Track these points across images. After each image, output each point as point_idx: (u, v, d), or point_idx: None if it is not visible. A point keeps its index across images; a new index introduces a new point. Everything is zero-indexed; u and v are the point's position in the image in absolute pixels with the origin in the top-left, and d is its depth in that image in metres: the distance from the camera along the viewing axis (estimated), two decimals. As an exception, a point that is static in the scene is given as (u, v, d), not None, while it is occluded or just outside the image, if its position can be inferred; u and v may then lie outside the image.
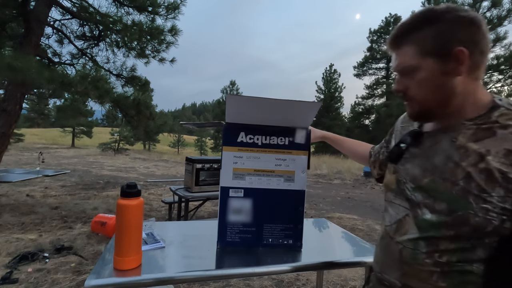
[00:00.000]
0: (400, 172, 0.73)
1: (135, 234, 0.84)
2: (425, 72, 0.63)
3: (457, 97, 0.63)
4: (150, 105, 6.12)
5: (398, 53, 0.68)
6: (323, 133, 1.23)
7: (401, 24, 0.67)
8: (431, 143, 0.68)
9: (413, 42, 0.64)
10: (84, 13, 5.20)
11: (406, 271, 0.66)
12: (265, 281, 2.57)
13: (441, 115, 0.67)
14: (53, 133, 34.16)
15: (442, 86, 0.63)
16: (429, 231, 0.62)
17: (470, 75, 0.63)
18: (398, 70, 0.69)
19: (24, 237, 3.27)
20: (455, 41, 0.60)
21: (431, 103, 0.66)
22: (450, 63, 0.61)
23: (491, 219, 0.55)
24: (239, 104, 0.97)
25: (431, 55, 0.62)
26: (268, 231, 1.06)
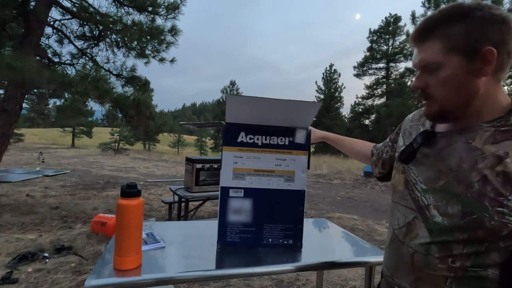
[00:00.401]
0: (410, 172, 0.71)
1: (135, 234, 0.84)
2: (449, 70, 0.61)
3: (478, 99, 0.61)
4: (150, 105, 6.13)
5: (422, 48, 0.64)
6: (324, 133, 1.23)
7: (427, 18, 0.64)
8: (446, 144, 0.66)
9: (439, 38, 0.61)
10: (84, 13, 5.20)
11: (418, 276, 0.64)
12: (265, 281, 2.57)
13: (460, 116, 0.64)
14: (53, 133, 34.16)
15: (465, 86, 0.61)
16: (442, 235, 0.61)
17: (494, 76, 0.61)
18: (420, 66, 0.65)
19: (24, 237, 3.28)
20: (484, 40, 0.58)
21: (451, 103, 0.63)
22: (476, 63, 0.59)
23: (507, 222, 0.53)
24: (239, 104, 0.97)
25: (458, 52, 0.60)
26: (268, 231, 1.06)
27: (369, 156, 1.07)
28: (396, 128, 0.95)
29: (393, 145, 0.92)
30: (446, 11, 0.62)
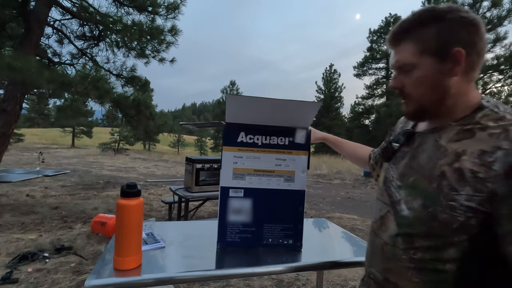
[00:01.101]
0: (390, 170, 0.75)
1: (135, 234, 0.84)
2: (422, 70, 0.64)
3: (450, 98, 0.64)
4: (150, 105, 6.12)
5: (397, 50, 0.68)
6: (324, 134, 1.23)
7: (402, 21, 0.66)
8: (420, 143, 0.70)
9: (413, 40, 0.64)
10: (84, 13, 5.20)
11: (387, 266, 0.69)
12: (265, 281, 2.57)
13: (434, 115, 0.68)
14: (53, 133, 34.16)
15: (437, 85, 0.64)
16: (406, 228, 0.64)
17: (465, 76, 0.63)
18: (396, 67, 0.69)
19: (24, 237, 3.27)
20: (454, 42, 0.61)
21: (426, 102, 0.66)
22: (447, 63, 0.62)
23: (457, 216, 0.56)
24: (239, 104, 0.97)
25: (430, 54, 0.63)
26: (268, 231, 1.06)
27: (367, 160, 1.07)
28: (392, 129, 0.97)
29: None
30: (419, 14, 0.64)
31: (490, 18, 13.05)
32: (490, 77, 13.76)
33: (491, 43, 13.25)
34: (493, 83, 13.92)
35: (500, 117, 0.58)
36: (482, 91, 14.13)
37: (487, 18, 13.13)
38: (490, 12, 13.10)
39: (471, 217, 0.55)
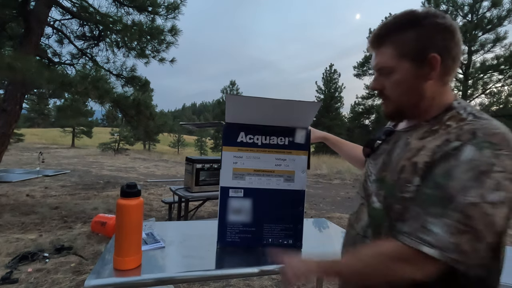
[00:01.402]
0: (369, 166, 0.79)
1: (135, 234, 0.84)
2: (400, 74, 0.66)
3: (426, 100, 0.67)
4: (150, 105, 6.12)
5: (377, 52, 0.70)
6: (324, 134, 1.23)
7: (382, 24, 0.69)
8: (395, 141, 0.74)
9: (392, 44, 0.67)
10: (84, 13, 5.20)
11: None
12: (265, 281, 2.57)
13: (411, 116, 0.71)
14: (53, 133, 34.16)
15: (414, 89, 0.67)
16: (375, 218, 0.69)
17: (440, 80, 0.66)
18: (376, 69, 0.71)
19: (24, 237, 3.27)
20: (431, 47, 0.63)
21: (403, 103, 0.69)
22: (424, 68, 0.65)
23: (407, 207, 0.60)
24: (239, 104, 0.97)
25: (408, 58, 0.65)
26: (268, 231, 1.06)
27: (363, 161, 1.08)
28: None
29: None
30: (399, 18, 0.67)
31: (490, 18, 13.04)
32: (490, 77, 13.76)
33: (491, 43, 13.25)
34: (493, 83, 13.92)
35: (462, 118, 0.62)
36: (482, 91, 14.12)
37: (487, 18, 13.12)
38: (490, 12, 13.10)
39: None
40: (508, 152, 0.54)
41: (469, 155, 0.55)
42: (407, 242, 0.56)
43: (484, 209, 0.52)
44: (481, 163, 0.54)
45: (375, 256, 0.61)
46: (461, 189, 0.54)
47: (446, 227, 0.53)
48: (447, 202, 0.54)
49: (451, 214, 0.53)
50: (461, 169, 0.55)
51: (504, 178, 0.53)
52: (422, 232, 0.55)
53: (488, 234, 0.53)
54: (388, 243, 0.60)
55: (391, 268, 0.59)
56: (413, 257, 0.55)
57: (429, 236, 0.54)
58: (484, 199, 0.52)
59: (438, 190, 0.56)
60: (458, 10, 13.72)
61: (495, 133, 0.56)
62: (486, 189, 0.53)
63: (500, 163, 0.53)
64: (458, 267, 0.53)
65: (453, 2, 13.60)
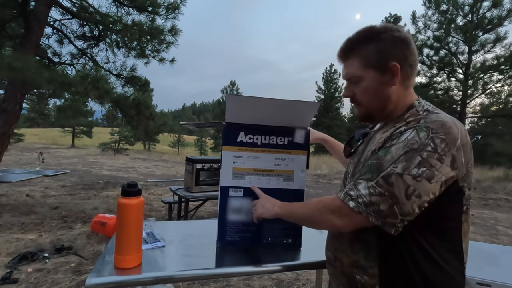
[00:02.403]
0: (349, 165, 0.88)
1: (136, 232, 0.85)
2: (367, 81, 0.75)
3: (391, 103, 0.76)
4: (150, 105, 6.11)
5: (345, 64, 0.79)
6: (323, 135, 1.25)
7: (347, 39, 0.77)
8: (368, 140, 0.83)
9: (357, 56, 0.75)
10: (84, 13, 5.20)
11: (335, 246, 0.80)
12: (265, 281, 2.58)
13: (380, 117, 0.80)
14: (53, 133, 34.15)
15: (380, 94, 0.76)
16: None
17: (402, 84, 0.75)
18: (346, 79, 0.80)
19: (24, 237, 3.28)
20: (390, 57, 0.72)
21: (372, 107, 0.78)
22: (386, 76, 0.74)
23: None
24: (239, 104, 0.98)
25: (372, 67, 0.74)
26: (268, 230, 1.06)
27: None
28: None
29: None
30: (361, 33, 0.76)
31: (490, 18, 13.03)
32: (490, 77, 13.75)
33: (491, 43, 13.23)
34: (493, 83, 13.90)
35: (418, 114, 0.71)
36: (482, 91, 14.11)
37: (487, 18, 13.11)
38: (490, 12, 13.09)
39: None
40: (442, 136, 0.62)
41: (409, 136, 0.65)
42: (340, 196, 0.69)
43: (405, 179, 0.61)
44: (415, 142, 0.63)
45: (317, 205, 0.74)
46: (391, 161, 0.64)
47: (368, 188, 0.64)
48: (377, 170, 0.65)
49: (376, 179, 0.64)
50: (397, 146, 0.65)
51: (432, 156, 0.61)
52: (351, 190, 0.67)
53: (405, 201, 0.61)
54: (330, 197, 0.72)
55: (324, 215, 0.71)
56: (341, 208, 0.68)
57: (354, 192, 0.66)
58: (408, 171, 0.62)
59: (376, 161, 0.67)
60: (458, 10, 13.71)
61: (436, 121, 0.65)
62: (412, 164, 0.62)
63: (432, 144, 0.62)
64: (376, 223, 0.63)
65: (453, 2, 13.59)
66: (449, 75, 14.48)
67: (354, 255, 0.73)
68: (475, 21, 13.44)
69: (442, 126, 0.64)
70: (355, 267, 0.73)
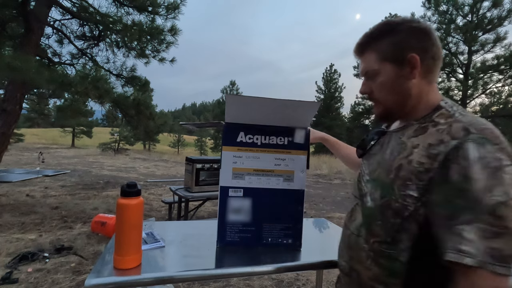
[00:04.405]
0: (362, 166, 0.82)
1: (135, 233, 0.85)
2: (385, 76, 0.71)
3: (412, 99, 0.71)
4: (150, 105, 6.13)
5: (362, 59, 0.76)
6: (323, 134, 1.24)
7: (364, 34, 0.75)
8: (387, 141, 0.77)
9: (373, 50, 0.73)
10: (84, 13, 5.20)
11: (351, 255, 0.74)
12: (265, 281, 2.58)
13: (400, 115, 0.75)
14: (53, 133, 34.15)
15: (399, 88, 0.71)
16: (369, 217, 0.70)
17: (424, 78, 0.70)
18: (363, 74, 0.76)
19: (24, 237, 3.28)
20: (408, 49, 0.68)
21: (391, 103, 0.73)
22: (405, 68, 0.69)
23: (407, 205, 0.61)
24: (239, 104, 0.98)
25: (389, 60, 0.70)
26: (268, 231, 1.06)
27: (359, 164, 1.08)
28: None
29: None
30: (377, 27, 0.73)
31: (490, 18, 13.03)
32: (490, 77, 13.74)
33: (492, 43, 13.23)
34: (493, 83, 13.90)
35: (450, 115, 0.65)
36: (482, 91, 14.11)
37: (487, 18, 13.11)
38: (490, 12, 13.09)
39: (419, 206, 0.60)
40: (503, 145, 0.56)
41: (476, 153, 0.54)
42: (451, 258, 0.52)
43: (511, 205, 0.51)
44: (490, 159, 0.53)
45: None
46: (484, 189, 0.52)
47: (480, 232, 0.50)
48: (475, 205, 0.52)
49: (482, 218, 0.51)
50: (475, 169, 0.53)
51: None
52: (459, 243, 0.51)
53: None
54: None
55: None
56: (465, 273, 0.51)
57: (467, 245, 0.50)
58: (510, 195, 0.51)
59: (462, 195, 0.53)
60: (458, 10, 13.71)
61: (485, 129, 0.58)
62: (507, 185, 0.51)
63: (503, 155, 0.54)
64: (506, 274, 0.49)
65: (453, 2, 13.59)
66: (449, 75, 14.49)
67: (375, 268, 0.66)
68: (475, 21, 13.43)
69: (494, 134, 0.57)
70: (376, 281, 0.66)
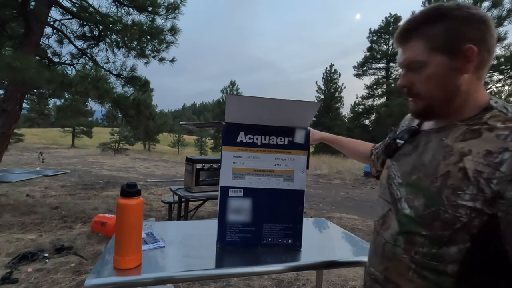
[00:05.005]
0: (392, 168, 0.75)
1: (135, 233, 0.84)
2: (433, 68, 0.63)
3: (460, 96, 0.63)
4: (150, 105, 6.12)
5: (406, 47, 0.66)
6: (322, 134, 1.23)
7: (410, 19, 0.65)
8: (424, 142, 0.69)
9: (422, 37, 0.63)
10: (84, 13, 5.20)
11: (387, 265, 0.68)
12: (265, 281, 2.58)
13: (442, 114, 0.67)
14: (53, 133, 34.16)
15: (448, 83, 0.63)
16: (408, 226, 0.64)
17: (475, 74, 0.63)
18: (405, 65, 0.67)
19: (24, 237, 3.28)
20: (465, 39, 0.60)
21: (435, 100, 0.65)
22: (458, 60, 0.61)
23: (459, 216, 0.55)
24: (239, 104, 0.97)
25: (440, 51, 0.62)
26: (268, 231, 1.06)
27: (368, 156, 1.07)
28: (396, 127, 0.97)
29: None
30: (427, 12, 0.64)
31: (490, 18, 13.05)
32: (490, 77, 13.75)
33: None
34: (493, 83, 13.91)
35: (508, 118, 0.57)
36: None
37: (487, 18, 13.14)
38: (490, 12, 13.09)
39: (474, 217, 0.54)
40: None
41: None
42: None
43: None
44: None
45: None
46: None
47: None
48: None
49: None
50: None
51: None
52: None
53: None
54: None
55: None
56: None
57: None
58: None
59: None
60: (458, 10, 13.72)
61: None
62: None
63: None
64: None
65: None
66: (449, 75, 14.48)
67: (419, 281, 0.61)
68: (475, 21, 13.45)
69: None
70: None
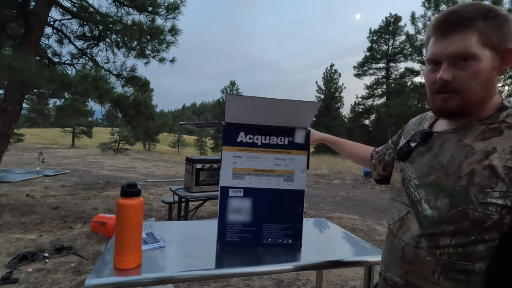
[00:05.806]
0: (406, 170, 0.74)
1: (135, 233, 0.84)
2: (482, 63, 0.60)
3: (492, 95, 0.64)
4: (150, 105, 6.13)
5: (454, 38, 0.62)
6: (322, 135, 1.23)
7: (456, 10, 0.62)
8: (440, 143, 0.69)
9: (475, 30, 0.60)
10: (84, 13, 5.20)
11: (408, 268, 0.66)
12: (265, 281, 2.58)
13: (471, 114, 0.65)
14: (53, 133, 34.16)
15: (490, 81, 0.62)
16: (431, 227, 0.62)
17: (501, 76, 0.64)
18: (455, 55, 0.62)
19: (24, 237, 3.28)
20: (509, 41, 0.61)
21: (475, 98, 0.63)
22: (501, 61, 0.62)
23: (490, 214, 0.55)
24: (239, 104, 0.97)
25: (490, 47, 0.60)
26: (268, 231, 1.06)
27: (369, 159, 1.07)
28: (399, 130, 0.97)
29: (395, 147, 0.93)
30: (478, 7, 0.62)
31: (490, 18, 13.06)
32: (490, 77, 13.78)
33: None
34: (493, 83, 13.94)
35: None
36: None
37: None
38: (490, 12, 13.11)
39: (504, 214, 0.54)
40: None
41: None
42: None
43: None
44: None
45: None
46: None
47: None
48: None
49: None
50: None
51: None
52: None
53: None
54: None
55: None
56: None
57: None
58: None
59: None
60: (458, 10, 13.74)
61: None
62: None
63: None
64: None
65: (453, 2, 13.60)
66: (449, 75, 14.47)
67: (446, 283, 0.60)
68: (475, 21, 13.45)
69: None
70: None
